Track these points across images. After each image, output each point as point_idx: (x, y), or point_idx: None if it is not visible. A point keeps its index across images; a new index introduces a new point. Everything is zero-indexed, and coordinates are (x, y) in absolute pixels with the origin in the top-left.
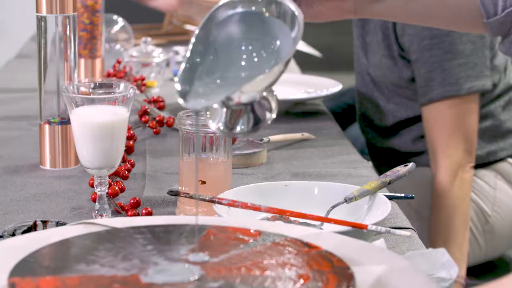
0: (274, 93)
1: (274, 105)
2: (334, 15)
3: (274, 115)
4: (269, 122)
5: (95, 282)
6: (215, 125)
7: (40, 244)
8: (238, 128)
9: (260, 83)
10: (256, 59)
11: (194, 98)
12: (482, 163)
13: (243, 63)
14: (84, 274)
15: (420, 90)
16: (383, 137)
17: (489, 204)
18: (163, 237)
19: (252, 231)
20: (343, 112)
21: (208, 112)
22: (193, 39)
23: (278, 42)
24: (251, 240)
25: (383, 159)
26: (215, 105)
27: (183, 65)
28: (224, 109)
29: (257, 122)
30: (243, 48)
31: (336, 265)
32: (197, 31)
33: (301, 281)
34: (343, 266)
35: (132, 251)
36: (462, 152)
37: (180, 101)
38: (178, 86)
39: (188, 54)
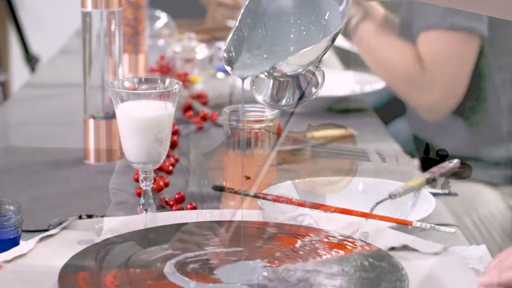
0: (321, 69)
1: (320, 80)
2: None
3: (320, 90)
4: (314, 96)
5: None
6: (261, 98)
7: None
8: (283, 101)
9: (307, 56)
10: (304, 33)
11: (241, 67)
12: None
13: (291, 36)
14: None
15: None
16: None
17: None
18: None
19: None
20: (383, 108)
21: (254, 86)
22: (242, 10)
23: (326, 17)
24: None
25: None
26: (262, 76)
27: (230, 35)
28: (271, 81)
29: (303, 95)
30: (291, 21)
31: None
32: (247, 3)
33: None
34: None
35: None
36: None
37: (228, 68)
38: (225, 54)
39: (236, 24)
